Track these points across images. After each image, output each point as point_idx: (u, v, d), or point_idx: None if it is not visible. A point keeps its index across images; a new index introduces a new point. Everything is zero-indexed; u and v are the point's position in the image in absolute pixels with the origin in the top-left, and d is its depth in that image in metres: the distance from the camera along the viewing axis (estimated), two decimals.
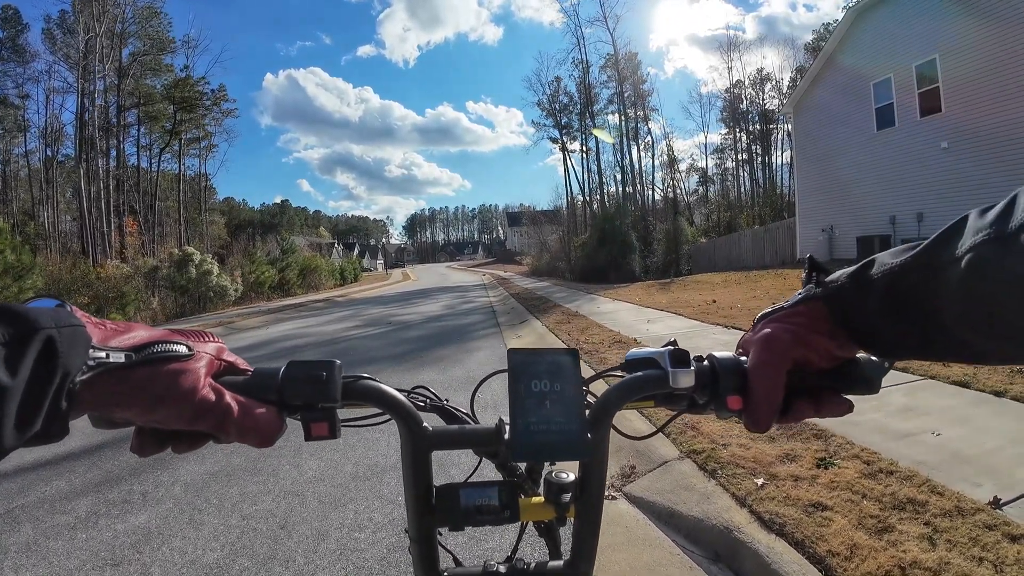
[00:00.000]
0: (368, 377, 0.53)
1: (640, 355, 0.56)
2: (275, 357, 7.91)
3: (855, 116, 15.75)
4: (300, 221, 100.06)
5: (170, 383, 0.42)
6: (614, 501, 2.64)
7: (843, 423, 3.08)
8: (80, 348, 0.35)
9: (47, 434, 0.34)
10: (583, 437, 0.50)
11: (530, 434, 0.49)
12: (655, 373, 0.54)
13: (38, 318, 0.33)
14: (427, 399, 0.62)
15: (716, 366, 0.52)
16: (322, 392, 0.48)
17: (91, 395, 0.37)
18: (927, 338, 0.43)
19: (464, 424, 0.62)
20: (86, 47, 27.47)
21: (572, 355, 0.53)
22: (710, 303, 9.27)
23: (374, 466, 3.26)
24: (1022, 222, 0.34)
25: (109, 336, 0.39)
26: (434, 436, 0.54)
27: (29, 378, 0.31)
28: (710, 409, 0.54)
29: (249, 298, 23.18)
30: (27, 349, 0.32)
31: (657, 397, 0.55)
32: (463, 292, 20.05)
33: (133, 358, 0.39)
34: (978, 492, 2.24)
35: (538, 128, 40.15)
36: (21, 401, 0.31)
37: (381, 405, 0.53)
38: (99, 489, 3.21)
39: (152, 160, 35.06)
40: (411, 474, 0.53)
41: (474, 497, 0.53)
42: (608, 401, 0.54)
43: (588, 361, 5.44)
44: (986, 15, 11.63)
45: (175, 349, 0.42)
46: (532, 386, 0.51)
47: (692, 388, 0.52)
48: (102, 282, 16.60)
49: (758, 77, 41.23)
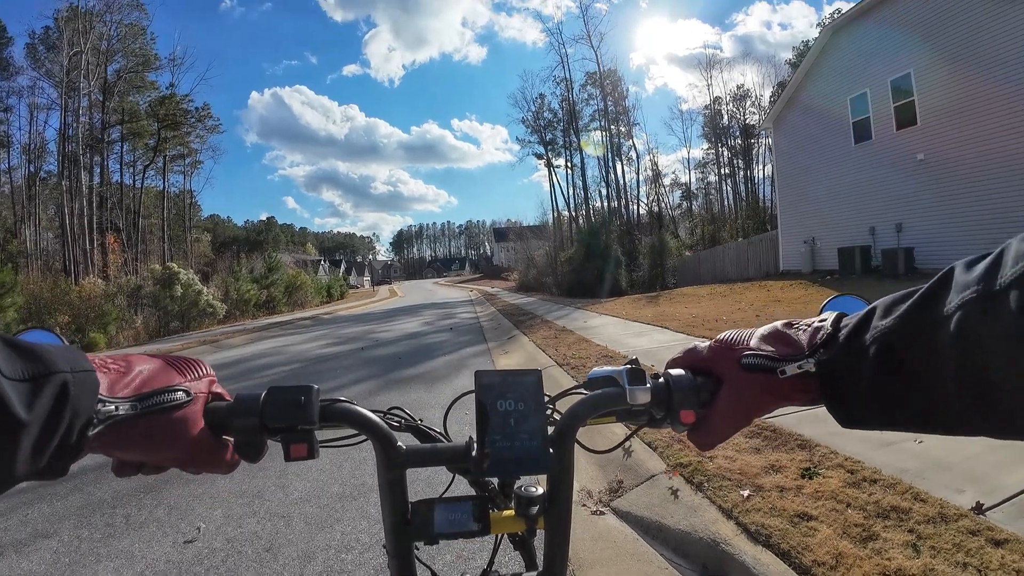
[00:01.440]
0: (345, 400, 0.56)
1: (601, 373, 0.60)
2: (259, 374, 7.83)
3: (833, 130, 16.10)
4: (286, 238, 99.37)
5: (171, 431, 0.45)
6: (602, 516, 2.63)
7: (828, 433, 3.12)
8: (89, 394, 0.37)
9: (49, 471, 0.36)
10: (546, 452, 0.53)
11: (496, 450, 0.52)
12: (614, 390, 0.57)
13: (56, 360, 0.35)
14: (402, 419, 0.65)
15: (670, 383, 0.56)
16: (300, 415, 0.51)
17: (98, 441, 0.40)
18: (924, 406, 0.40)
19: (437, 443, 0.64)
20: (70, 63, 27.31)
21: (535, 375, 0.56)
22: (695, 316, 9.34)
23: (361, 486, 3.22)
24: (1010, 280, 0.32)
25: (115, 381, 0.42)
26: (408, 454, 0.56)
27: (45, 417, 0.33)
28: (666, 424, 0.57)
29: (234, 316, 22.95)
30: (44, 389, 0.33)
31: (618, 413, 0.59)
32: (449, 308, 20.00)
33: (138, 408, 0.42)
34: (960, 498, 2.28)
35: (523, 144, 40.68)
36: (35, 437, 0.33)
37: (357, 426, 0.56)
38: (82, 512, 3.14)
39: (136, 177, 34.83)
40: (387, 491, 0.56)
41: (447, 512, 0.56)
42: (571, 418, 0.57)
43: (575, 376, 5.45)
44: (958, 30, 12.01)
45: (176, 397, 0.45)
46: (498, 405, 0.54)
47: (649, 404, 0.56)
48: (83, 301, 16.35)
49: (738, 93, 42.13)
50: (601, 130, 34.64)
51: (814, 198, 17.02)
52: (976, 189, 11.83)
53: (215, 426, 0.50)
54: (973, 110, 11.84)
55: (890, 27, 13.75)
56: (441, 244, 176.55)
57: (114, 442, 0.41)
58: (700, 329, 7.71)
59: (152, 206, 36.41)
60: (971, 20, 11.74)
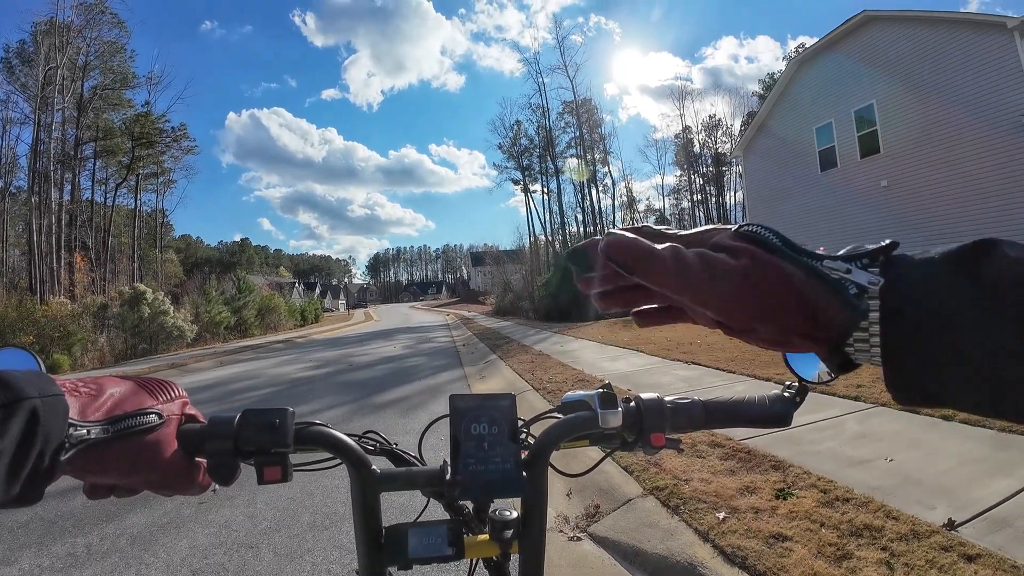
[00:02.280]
0: (320, 424, 0.56)
1: (574, 398, 0.61)
2: (231, 399, 7.63)
3: (800, 158, 16.69)
4: (260, 260, 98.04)
5: (144, 454, 0.45)
6: (579, 542, 2.61)
7: (801, 453, 3.16)
8: (59, 419, 0.37)
9: (23, 498, 0.35)
10: (519, 475, 0.53)
11: (470, 474, 0.52)
12: (586, 414, 0.58)
13: (24, 387, 0.35)
14: (377, 443, 0.65)
15: (641, 406, 0.57)
16: (275, 438, 0.50)
17: (70, 466, 0.39)
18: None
19: (412, 466, 0.64)
20: (45, 78, 26.80)
21: (509, 399, 0.57)
22: (670, 340, 9.44)
23: (332, 514, 3.14)
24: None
25: (86, 404, 0.41)
26: (382, 478, 0.56)
27: (16, 444, 0.33)
28: (638, 447, 0.58)
29: (204, 339, 22.40)
30: (13, 416, 0.33)
31: (591, 436, 0.60)
32: (426, 332, 19.83)
33: (110, 432, 0.41)
34: (932, 515, 2.32)
35: (501, 170, 41.22)
36: (7, 464, 0.33)
37: (331, 450, 0.56)
38: (43, 542, 3.00)
39: (107, 195, 34.03)
40: (360, 515, 0.55)
41: (422, 536, 0.55)
42: (545, 441, 0.58)
43: (552, 401, 5.43)
44: (918, 62, 12.68)
45: (148, 421, 0.45)
46: (472, 429, 0.54)
47: (620, 427, 0.57)
48: (48, 320, 15.81)
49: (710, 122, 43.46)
50: (577, 157, 35.31)
51: (784, 223, 17.29)
52: (939, 214, 12.33)
53: (188, 448, 0.49)
54: (934, 138, 12.44)
55: (853, 60, 14.44)
56: (418, 268, 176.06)
57: (86, 466, 0.41)
58: (675, 352, 7.79)
59: (123, 225, 35.58)
60: (931, 52, 12.41)
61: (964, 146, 11.77)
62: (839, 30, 14.75)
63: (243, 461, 0.51)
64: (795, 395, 0.59)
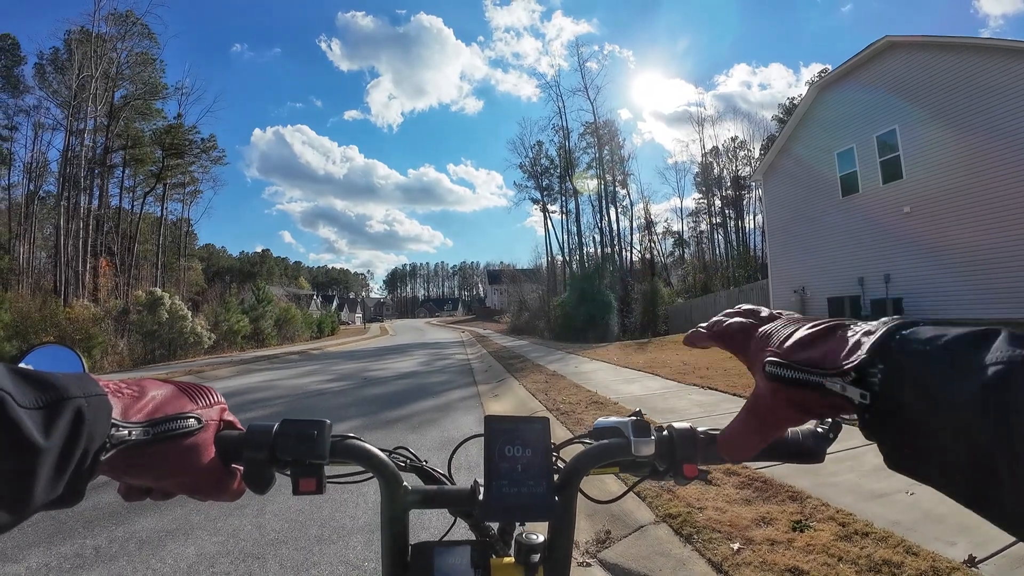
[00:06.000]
0: (354, 437, 0.56)
1: (606, 424, 0.60)
2: (246, 410, 7.67)
3: (821, 183, 16.54)
4: (280, 271, 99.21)
5: (182, 458, 0.45)
6: (588, 568, 2.55)
7: (819, 485, 3.08)
8: (103, 418, 0.37)
9: (66, 498, 0.35)
10: (551, 499, 0.53)
11: (502, 496, 0.52)
12: (619, 441, 0.57)
13: (68, 386, 0.35)
14: (407, 459, 0.64)
15: (674, 436, 0.56)
16: (311, 450, 0.51)
17: (109, 465, 0.39)
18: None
19: (441, 485, 0.64)
20: (78, 85, 27.68)
21: (543, 423, 0.56)
22: (686, 363, 9.32)
23: (340, 528, 3.12)
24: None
25: (128, 405, 0.42)
26: (413, 495, 0.56)
27: (62, 443, 0.33)
28: (669, 476, 0.57)
29: (222, 347, 22.67)
30: (60, 415, 0.33)
31: (621, 464, 0.59)
32: (440, 349, 19.86)
33: (151, 433, 0.42)
34: (953, 551, 2.24)
35: (520, 189, 41.45)
36: (53, 463, 0.33)
37: (366, 464, 0.56)
38: (52, 541, 3.02)
39: (135, 202, 34.93)
40: (388, 531, 0.55)
41: (447, 556, 0.56)
42: (576, 466, 0.57)
43: (565, 422, 5.38)
44: (941, 87, 12.54)
45: (188, 425, 0.45)
46: (506, 451, 0.54)
47: (653, 456, 0.56)
48: (70, 322, 16.14)
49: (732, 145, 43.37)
50: (597, 178, 35.37)
51: (803, 248, 17.31)
52: (962, 240, 12.08)
53: (225, 455, 0.50)
54: (957, 163, 12.25)
55: (875, 86, 14.35)
56: (435, 284, 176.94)
57: (124, 467, 0.41)
58: (691, 376, 7.68)
59: (149, 232, 36.40)
60: (953, 78, 12.29)
61: (988, 172, 11.57)
62: (861, 55, 14.68)
63: (279, 471, 0.52)
64: (828, 431, 0.57)
